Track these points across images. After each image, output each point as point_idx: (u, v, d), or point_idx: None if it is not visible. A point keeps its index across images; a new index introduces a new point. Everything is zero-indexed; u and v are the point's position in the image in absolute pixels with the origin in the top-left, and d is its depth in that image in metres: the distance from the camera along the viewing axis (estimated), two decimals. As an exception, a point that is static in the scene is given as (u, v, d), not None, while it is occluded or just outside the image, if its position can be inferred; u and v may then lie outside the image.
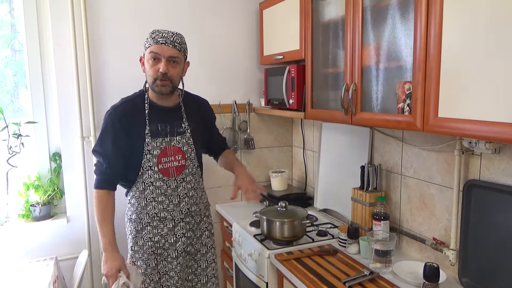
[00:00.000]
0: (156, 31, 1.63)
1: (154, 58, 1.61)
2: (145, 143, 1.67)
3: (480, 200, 1.45)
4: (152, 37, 1.61)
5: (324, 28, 1.90)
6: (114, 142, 1.66)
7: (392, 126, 1.49)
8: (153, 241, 1.74)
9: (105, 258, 1.63)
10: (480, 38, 1.12)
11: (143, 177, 1.70)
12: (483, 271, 1.44)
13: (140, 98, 1.73)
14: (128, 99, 1.74)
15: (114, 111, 1.69)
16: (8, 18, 2.29)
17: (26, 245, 2.27)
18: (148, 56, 1.61)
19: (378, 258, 1.63)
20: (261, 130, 2.75)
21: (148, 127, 1.68)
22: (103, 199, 1.68)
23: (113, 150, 1.66)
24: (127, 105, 1.71)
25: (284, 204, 2.01)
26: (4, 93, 2.31)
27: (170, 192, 1.74)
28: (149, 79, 1.65)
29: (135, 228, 1.74)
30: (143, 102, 1.72)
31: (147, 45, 1.63)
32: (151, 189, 1.71)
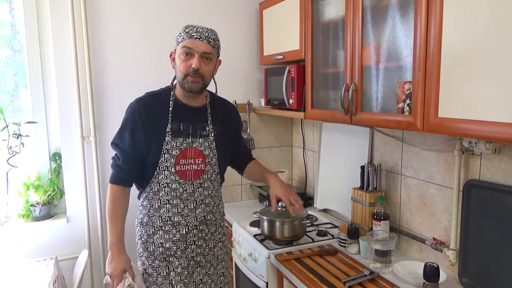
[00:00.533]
0: (190, 26, 1.55)
1: (187, 53, 1.51)
2: (165, 141, 1.57)
3: (480, 200, 1.45)
4: (186, 32, 1.52)
5: (324, 28, 1.90)
6: (133, 136, 1.57)
7: (392, 126, 1.49)
8: (164, 247, 1.62)
9: (110, 258, 1.57)
10: (480, 38, 1.12)
11: (158, 177, 1.60)
12: (483, 271, 1.44)
13: (166, 94, 1.63)
14: (154, 93, 1.65)
15: (136, 103, 1.60)
16: (8, 18, 2.29)
17: (26, 245, 2.27)
18: (181, 51, 1.52)
19: (378, 258, 1.63)
20: (261, 130, 2.75)
21: (170, 125, 1.58)
22: (117, 194, 1.60)
23: (131, 145, 1.58)
24: (151, 98, 1.62)
25: (284, 204, 2.01)
26: (4, 93, 2.31)
27: (186, 196, 1.62)
28: (179, 74, 1.55)
29: (146, 232, 1.64)
30: (168, 98, 1.61)
31: (179, 40, 1.53)
32: (166, 191, 1.60)
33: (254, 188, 2.76)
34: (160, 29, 2.42)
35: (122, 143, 1.60)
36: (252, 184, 2.76)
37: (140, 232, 1.67)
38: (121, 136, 1.60)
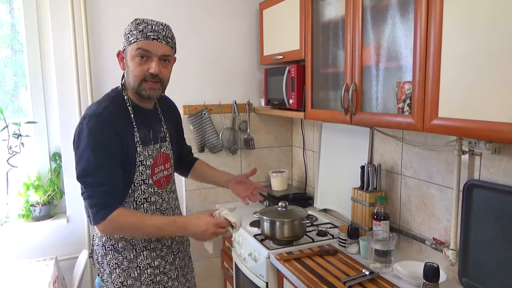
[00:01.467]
0: (142, 22, 1.33)
1: (142, 56, 1.33)
2: (137, 153, 1.38)
3: (480, 200, 1.45)
4: (140, 30, 1.31)
5: (324, 28, 1.90)
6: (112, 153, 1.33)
7: (392, 126, 1.49)
8: (153, 267, 1.45)
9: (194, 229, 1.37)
10: (480, 38, 1.12)
11: (134, 195, 1.41)
12: (483, 271, 1.44)
13: (119, 99, 1.41)
14: (107, 101, 1.40)
15: (99, 117, 1.32)
16: (8, 18, 2.29)
17: (26, 245, 2.27)
18: (135, 53, 1.32)
19: (378, 258, 1.63)
20: (261, 130, 2.75)
21: (137, 133, 1.40)
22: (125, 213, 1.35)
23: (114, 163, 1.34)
24: (110, 108, 1.36)
25: (284, 204, 2.01)
26: (4, 93, 2.31)
27: (165, 206, 1.50)
28: (133, 79, 1.36)
29: (125, 258, 1.42)
30: (123, 103, 1.40)
31: (131, 39, 1.32)
32: (145, 207, 1.43)
33: (254, 188, 2.76)
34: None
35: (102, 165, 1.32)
36: (252, 184, 2.76)
37: (116, 260, 1.42)
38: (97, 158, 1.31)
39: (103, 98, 1.43)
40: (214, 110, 2.59)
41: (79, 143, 1.32)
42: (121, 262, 1.42)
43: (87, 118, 1.33)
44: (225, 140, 2.60)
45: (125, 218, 1.33)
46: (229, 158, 2.69)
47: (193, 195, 2.59)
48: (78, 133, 1.34)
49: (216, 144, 2.57)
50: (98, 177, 1.31)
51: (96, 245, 1.48)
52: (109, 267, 1.43)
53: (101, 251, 1.45)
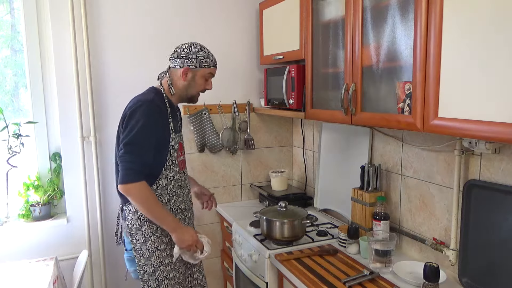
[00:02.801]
0: (211, 53, 1.79)
1: (208, 79, 1.81)
2: (170, 138, 1.75)
3: (480, 200, 1.45)
4: (211, 59, 1.78)
5: (324, 28, 1.90)
6: (156, 135, 1.67)
7: (392, 126, 1.49)
8: None
9: (181, 233, 1.68)
10: (480, 37, 1.12)
11: (166, 172, 1.74)
12: (483, 271, 1.44)
13: (159, 95, 1.77)
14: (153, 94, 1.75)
15: (153, 103, 1.68)
16: (8, 18, 2.29)
17: (26, 245, 2.27)
18: (207, 75, 1.79)
19: (378, 258, 1.63)
20: (261, 130, 2.75)
21: (171, 123, 1.76)
22: (148, 189, 1.63)
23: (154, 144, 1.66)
24: (157, 99, 1.73)
25: (284, 204, 2.01)
26: (4, 93, 2.31)
27: (184, 185, 1.84)
28: (193, 91, 1.80)
29: (159, 227, 1.71)
30: (162, 99, 1.77)
31: (206, 65, 1.76)
32: (173, 184, 1.77)
33: (254, 188, 2.76)
34: (160, 29, 2.42)
35: (145, 141, 1.64)
36: (252, 184, 2.77)
37: (151, 229, 1.71)
38: (146, 138, 1.64)
39: (148, 92, 1.77)
40: (214, 110, 2.59)
41: (132, 118, 1.64)
42: (155, 230, 1.72)
43: (141, 102, 1.67)
44: (225, 140, 2.60)
45: (147, 191, 1.63)
46: (229, 158, 2.69)
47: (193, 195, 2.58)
48: (133, 111, 1.66)
49: (216, 144, 2.57)
50: (140, 149, 1.63)
51: (129, 219, 1.73)
52: (143, 236, 1.71)
53: (136, 223, 1.72)
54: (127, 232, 1.75)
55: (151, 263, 1.71)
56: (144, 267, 1.72)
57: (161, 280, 1.72)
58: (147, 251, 1.71)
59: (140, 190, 1.62)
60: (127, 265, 1.81)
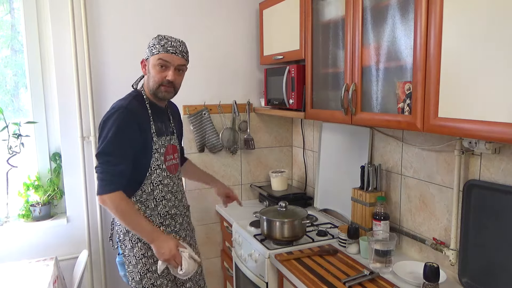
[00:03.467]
0: (164, 39, 1.64)
1: (162, 65, 1.63)
2: (153, 141, 1.67)
3: (480, 200, 1.45)
4: (161, 45, 1.62)
5: (324, 28, 1.90)
6: (131, 141, 1.59)
7: (392, 126, 1.49)
8: None
9: (159, 244, 1.57)
10: (480, 38, 1.12)
11: (151, 177, 1.67)
12: (483, 271, 1.44)
13: (139, 97, 1.70)
14: (130, 98, 1.68)
15: (126, 109, 1.60)
16: (8, 18, 2.29)
17: (26, 245, 2.27)
18: (156, 62, 1.63)
19: (378, 258, 1.63)
20: (261, 130, 2.75)
21: (153, 126, 1.69)
22: (123, 199, 1.56)
23: (130, 150, 1.59)
24: (134, 103, 1.65)
25: (284, 204, 2.01)
26: (4, 93, 2.31)
27: (175, 189, 1.77)
28: (153, 83, 1.66)
29: None
30: (142, 101, 1.70)
31: (154, 51, 1.63)
32: (160, 188, 1.70)
33: (254, 188, 2.76)
34: (160, 29, 2.41)
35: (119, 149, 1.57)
36: (252, 184, 2.77)
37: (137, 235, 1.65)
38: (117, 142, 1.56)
39: (127, 96, 1.70)
40: (214, 110, 2.59)
41: (104, 127, 1.59)
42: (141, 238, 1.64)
43: (115, 109, 1.61)
44: (225, 140, 2.60)
45: (121, 201, 1.56)
46: (229, 158, 2.69)
47: (193, 195, 2.58)
48: (105, 120, 1.60)
49: (216, 144, 2.57)
50: (113, 158, 1.56)
51: (117, 225, 1.71)
52: (131, 243, 1.67)
53: (123, 229, 1.68)
54: (116, 237, 1.72)
55: (138, 271, 1.65)
56: (132, 273, 1.66)
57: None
58: (134, 258, 1.66)
59: (113, 201, 1.54)
60: (119, 269, 1.76)
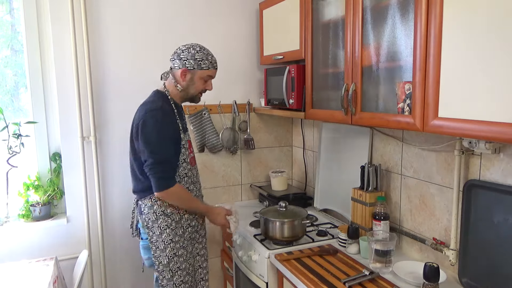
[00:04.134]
0: (210, 55, 1.83)
1: (207, 80, 1.87)
2: (181, 138, 1.84)
3: (480, 200, 1.45)
4: (209, 60, 1.82)
5: (324, 28, 1.90)
6: (171, 138, 1.78)
7: (392, 126, 1.49)
8: (192, 226, 1.89)
9: (212, 216, 1.92)
10: (480, 38, 1.12)
11: (179, 170, 1.83)
12: (483, 271, 1.44)
13: (165, 98, 1.85)
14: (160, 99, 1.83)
15: (161, 110, 1.76)
16: (8, 18, 2.29)
17: (26, 245, 2.27)
18: (206, 77, 1.84)
19: (378, 258, 1.63)
20: (261, 130, 2.75)
21: (180, 124, 1.85)
22: (181, 189, 1.80)
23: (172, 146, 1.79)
24: (165, 104, 1.81)
25: (284, 204, 2.01)
26: (4, 93, 2.31)
27: (195, 180, 1.95)
28: (194, 91, 1.86)
29: (173, 220, 1.83)
30: (169, 101, 1.85)
31: (204, 66, 1.80)
32: (185, 180, 1.86)
33: (254, 188, 2.76)
34: (160, 29, 2.42)
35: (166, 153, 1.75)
36: (252, 184, 2.77)
37: (166, 222, 1.82)
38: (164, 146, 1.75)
39: (155, 98, 1.84)
40: (214, 110, 2.59)
41: (145, 130, 1.73)
42: (170, 224, 1.83)
43: (150, 111, 1.75)
44: (225, 140, 2.60)
45: (181, 191, 1.80)
46: (229, 158, 2.69)
47: (193, 195, 2.59)
48: (143, 123, 1.74)
49: (216, 144, 2.57)
50: (162, 155, 1.73)
51: (145, 214, 1.84)
52: (159, 229, 1.82)
53: (152, 217, 1.83)
54: (143, 225, 1.85)
55: (166, 255, 1.82)
56: (159, 258, 1.82)
57: (175, 271, 1.83)
58: (162, 243, 1.82)
59: (174, 194, 1.77)
60: (142, 253, 1.91)
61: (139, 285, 2.55)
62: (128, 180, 2.46)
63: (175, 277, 1.83)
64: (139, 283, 2.54)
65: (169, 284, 1.83)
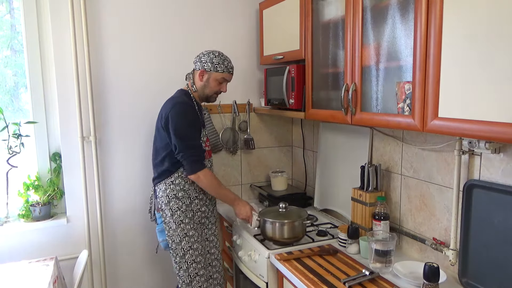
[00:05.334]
0: (226, 60, 2.05)
1: (222, 82, 2.07)
2: (201, 131, 2.04)
3: (480, 200, 1.45)
4: (225, 65, 2.03)
5: (324, 28, 1.90)
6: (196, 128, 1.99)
7: (392, 126, 1.49)
8: (201, 211, 2.07)
9: (238, 208, 2.06)
10: (480, 37, 1.12)
11: None
12: (483, 271, 1.44)
13: (188, 96, 2.06)
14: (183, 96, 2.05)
15: (185, 103, 1.99)
16: (8, 18, 2.29)
17: (26, 245, 2.27)
18: (220, 79, 2.04)
19: (378, 258, 1.63)
20: (261, 130, 2.75)
21: (201, 119, 2.06)
22: (211, 173, 2.00)
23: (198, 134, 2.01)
24: (187, 100, 2.02)
25: (285, 205, 2.01)
26: (4, 93, 2.31)
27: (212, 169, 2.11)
28: (209, 91, 2.07)
29: (184, 203, 2.02)
30: (191, 99, 2.06)
31: (219, 69, 2.02)
32: None
33: (254, 188, 2.76)
34: (160, 29, 2.42)
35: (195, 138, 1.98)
36: (252, 184, 2.77)
37: (177, 204, 2.01)
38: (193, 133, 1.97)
39: (180, 94, 2.07)
40: (214, 110, 2.59)
41: (175, 119, 1.94)
42: (180, 206, 2.02)
43: (178, 104, 1.98)
44: (225, 140, 2.60)
45: (213, 176, 2.01)
46: (229, 158, 2.69)
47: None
48: (173, 113, 1.94)
49: (216, 144, 2.57)
50: (192, 142, 1.96)
51: (159, 197, 2.04)
52: (171, 211, 2.01)
53: (165, 199, 2.02)
54: (158, 207, 2.06)
55: (178, 234, 2.00)
56: (172, 237, 2.01)
57: (186, 250, 2.01)
58: (174, 223, 2.00)
59: (206, 176, 1.96)
60: (158, 236, 2.11)
61: (139, 285, 2.55)
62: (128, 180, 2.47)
63: (186, 255, 2.00)
64: (139, 283, 2.54)
65: (181, 262, 2.01)
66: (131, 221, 2.48)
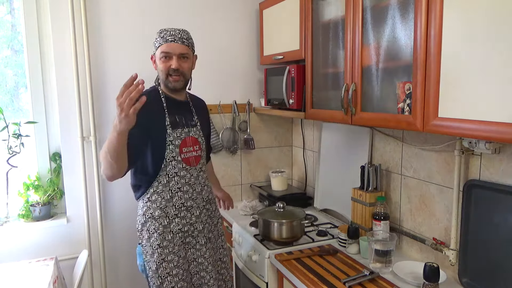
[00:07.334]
0: (163, 30, 1.71)
1: (165, 56, 1.69)
2: (167, 134, 1.70)
3: (480, 200, 1.45)
4: (161, 36, 1.69)
5: (324, 28, 1.90)
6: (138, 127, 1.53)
7: (392, 126, 1.49)
8: (183, 231, 1.74)
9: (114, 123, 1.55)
10: (480, 38, 1.12)
11: (167, 169, 1.70)
12: (483, 271, 1.44)
13: (155, 92, 1.76)
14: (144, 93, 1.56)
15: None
16: (8, 18, 2.29)
17: (26, 245, 2.27)
18: (160, 55, 1.69)
19: (378, 258, 1.63)
20: (261, 130, 2.75)
21: (168, 118, 1.72)
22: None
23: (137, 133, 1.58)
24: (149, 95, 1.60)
25: (282, 205, 2.01)
26: (4, 93, 2.31)
27: (193, 181, 1.77)
28: (161, 75, 1.72)
29: (161, 224, 1.71)
30: (158, 95, 1.75)
31: (157, 44, 1.71)
32: (176, 180, 1.72)
33: (254, 188, 2.76)
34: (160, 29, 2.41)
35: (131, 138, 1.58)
36: (252, 184, 2.77)
37: (154, 226, 1.71)
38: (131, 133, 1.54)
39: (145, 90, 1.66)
40: (214, 110, 2.59)
41: None
42: (157, 228, 1.71)
43: None
44: (225, 140, 2.60)
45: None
46: (229, 158, 2.69)
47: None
48: None
49: (216, 144, 2.57)
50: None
51: (138, 216, 1.77)
52: (148, 233, 1.72)
53: (141, 219, 1.75)
54: (136, 228, 1.78)
55: (154, 260, 1.70)
56: (149, 263, 1.72)
57: (164, 277, 1.70)
58: (150, 248, 1.71)
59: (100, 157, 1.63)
60: (137, 258, 1.83)
61: (139, 285, 2.54)
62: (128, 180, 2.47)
63: (164, 283, 1.70)
64: (139, 283, 2.54)
65: None
66: (131, 221, 2.47)
